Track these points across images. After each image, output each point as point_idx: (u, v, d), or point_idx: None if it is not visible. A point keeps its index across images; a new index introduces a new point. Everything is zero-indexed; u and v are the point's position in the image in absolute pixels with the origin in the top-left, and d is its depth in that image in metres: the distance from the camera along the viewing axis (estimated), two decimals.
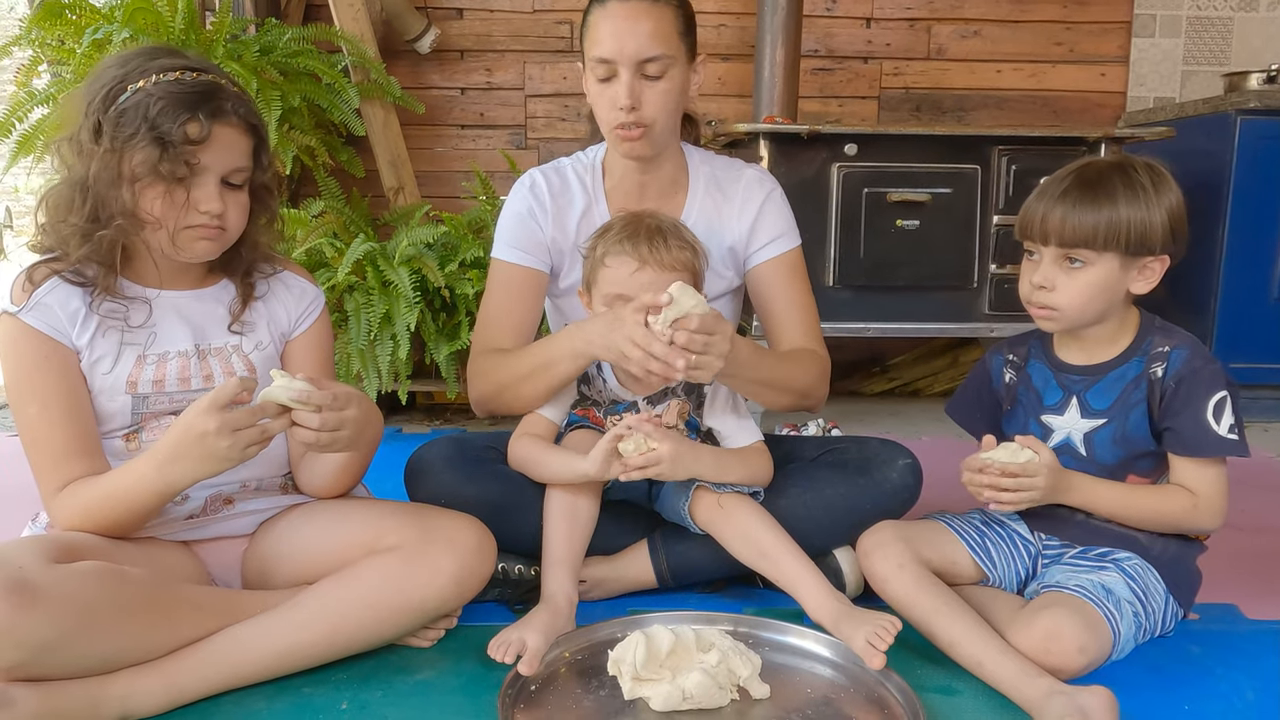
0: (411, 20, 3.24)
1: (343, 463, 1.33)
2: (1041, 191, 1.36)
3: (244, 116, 1.26)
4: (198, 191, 1.23)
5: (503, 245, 1.60)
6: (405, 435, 2.83)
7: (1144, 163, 1.35)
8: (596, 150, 1.66)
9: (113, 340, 1.26)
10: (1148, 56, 3.47)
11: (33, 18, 2.60)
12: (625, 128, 1.49)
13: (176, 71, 1.22)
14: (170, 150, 1.18)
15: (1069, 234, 1.32)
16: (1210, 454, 1.32)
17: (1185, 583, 1.39)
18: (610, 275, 1.42)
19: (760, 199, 1.63)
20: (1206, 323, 2.99)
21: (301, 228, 2.69)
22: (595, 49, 1.48)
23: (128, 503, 1.20)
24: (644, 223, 1.44)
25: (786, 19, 3.01)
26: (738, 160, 1.70)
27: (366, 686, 1.24)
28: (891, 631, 1.25)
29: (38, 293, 1.23)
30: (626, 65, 1.46)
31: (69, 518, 1.22)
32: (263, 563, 1.34)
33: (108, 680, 1.11)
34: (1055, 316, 1.37)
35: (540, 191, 1.60)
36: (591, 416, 1.52)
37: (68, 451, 1.22)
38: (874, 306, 2.82)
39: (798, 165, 2.71)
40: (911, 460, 1.53)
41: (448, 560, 1.26)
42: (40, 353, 1.23)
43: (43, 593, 1.02)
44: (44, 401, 1.22)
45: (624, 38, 1.46)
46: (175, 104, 1.19)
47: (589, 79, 1.52)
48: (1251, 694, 1.27)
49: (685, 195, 1.63)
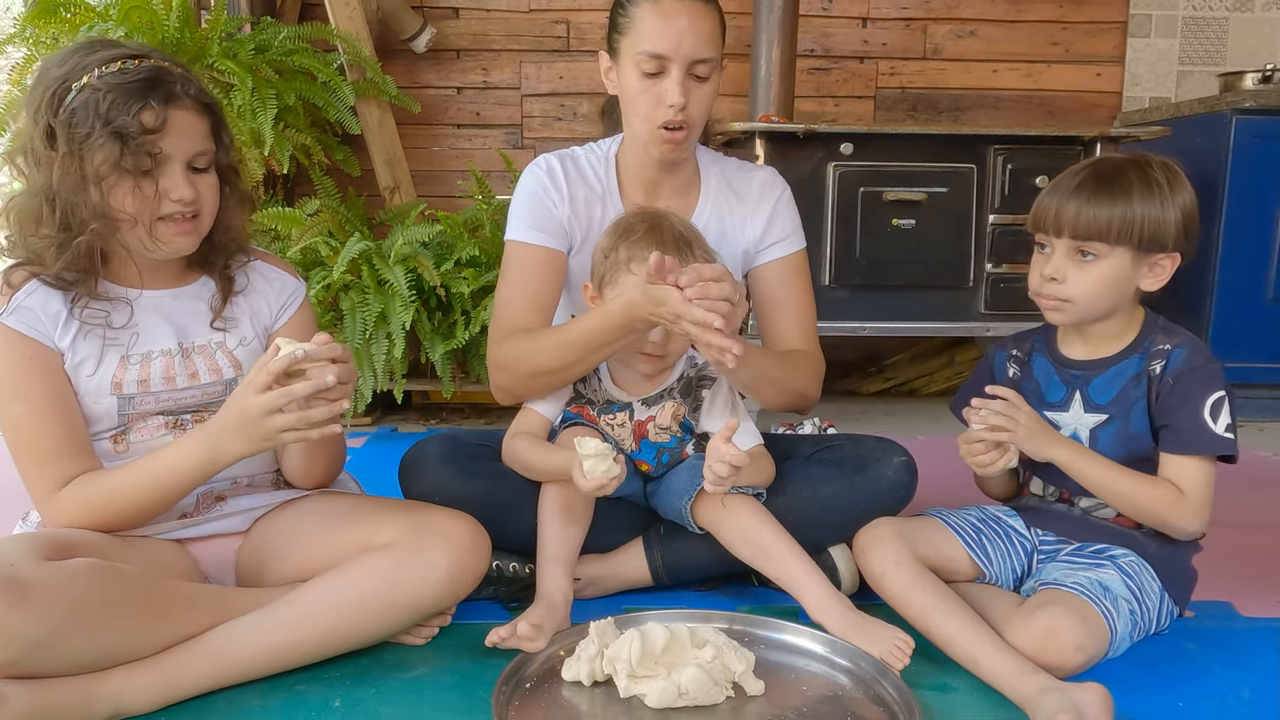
0: (407, 19, 3.24)
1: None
2: (1056, 185, 1.37)
3: (196, 96, 1.23)
4: (166, 181, 1.20)
5: (519, 226, 1.55)
6: (401, 434, 2.83)
7: (1160, 161, 1.35)
8: (610, 143, 1.64)
9: (95, 342, 1.25)
10: (1143, 56, 3.48)
11: (27, 15, 2.59)
12: (672, 127, 1.46)
13: (119, 62, 1.18)
14: (130, 143, 1.15)
15: (1083, 226, 1.32)
16: (1205, 451, 1.31)
17: (1181, 581, 1.39)
18: (636, 284, 1.38)
19: (772, 201, 1.62)
20: (1201, 322, 3.01)
21: (297, 226, 2.69)
22: (646, 43, 1.43)
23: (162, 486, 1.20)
24: (667, 227, 1.42)
25: (783, 18, 3.01)
26: (747, 162, 1.69)
27: (360, 684, 1.24)
28: (907, 651, 1.25)
29: (17, 296, 1.22)
30: (680, 63, 1.43)
31: (73, 514, 1.22)
32: (256, 560, 1.34)
33: (101, 677, 1.10)
34: (1065, 308, 1.37)
35: (555, 173, 1.57)
36: (586, 414, 1.51)
37: (58, 451, 1.21)
38: (870, 306, 2.82)
39: (794, 164, 2.70)
40: (907, 458, 1.53)
41: (441, 557, 1.26)
42: (24, 354, 1.21)
43: (34, 589, 1.02)
44: (30, 401, 1.21)
45: (683, 35, 1.42)
46: (125, 95, 1.15)
47: (629, 73, 1.47)
48: (1246, 691, 1.27)
49: (698, 195, 1.62)
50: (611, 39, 1.51)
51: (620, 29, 1.48)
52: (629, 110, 1.52)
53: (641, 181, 1.59)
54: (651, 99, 1.46)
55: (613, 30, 1.51)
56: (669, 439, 1.49)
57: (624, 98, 1.52)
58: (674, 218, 1.45)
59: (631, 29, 1.46)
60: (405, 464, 1.51)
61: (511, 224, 1.57)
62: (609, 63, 1.53)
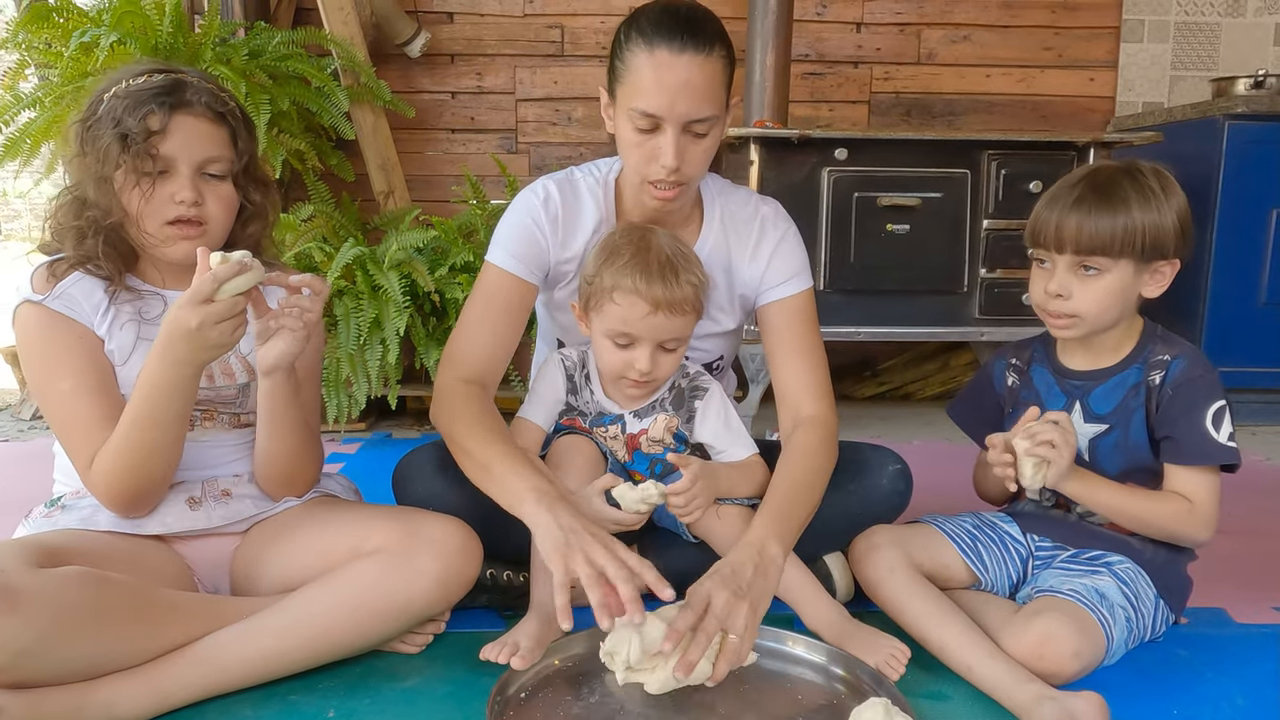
0: (402, 24, 3.24)
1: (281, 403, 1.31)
2: (1053, 200, 1.35)
3: (209, 105, 1.27)
4: (171, 184, 1.25)
5: (501, 250, 1.47)
6: (395, 440, 2.82)
7: (1150, 167, 1.35)
8: (611, 165, 1.54)
9: (129, 335, 1.29)
10: (1136, 61, 3.49)
11: (20, 21, 2.58)
12: (661, 185, 1.38)
13: (146, 75, 1.27)
14: (133, 144, 1.22)
15: (1085, 242, 1.31)
16: (1210, 461, 1.31)
17: (1176, 587, 1.39)
18: (619, 314, 1.36)
19: (775, 240, 1.53)
20: (1195, 327, 3.01)
21: (291, 232, 2.69)
22: (638, 100, 1.32)
23: (152, 416, 1.20)
24: (653, 251, 1.37)
25: (777, 23, 3.01)
26: (753, 194, 1.59)
27: (354, 693, 1.23)
28: (903, 661, 1.26)
29: (62, 284, 1.27)
30: (675, 124, 1.32)
31: (105, 479, 1.23)
32: (249, 566, 1.34)
33: (92, 686, 1.10)
34: (1075, 324, 1.36)
35: (554, 206, 1.48)
36: (577, 425, 1.51)
37: (103, 420, 1.24)
38: (864, 311, 2.82)
39: (788, 169, 2.71)
40: (901, 465, 1.52)
41: (432, 562, 1.25)
42: (71, 334, 1.26)
43: (23, 596, 1.01)
44: (77, 376, 1.25)
45: (675, 96, 1.30)
46: (137, 102, 1.23)
47: (623, 123, 1.37)
48: (1241, 698, 1.27)
49: (700, 226, 1.54)
50: (610, 79, 1.41)
51: (616, 75, 1.37)
52: (624, 157, 1.43)
53: (639, 209, 1.50)
54: (644, 154, 1.36)
55: (610, 71, 1.40)
56: (661, 451, 1.49)
57: (619, 144, 1.42)
58: (663, 237, 1.41)
59: (626, 79, 1.34)
60: (398, 473, 1.50)
61: (495, 244, 1.49)
62: (607, 100, 1.43)
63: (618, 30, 1.38)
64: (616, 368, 1.42)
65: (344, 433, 2.84)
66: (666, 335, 1.39)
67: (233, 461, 1.38)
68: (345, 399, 2.68)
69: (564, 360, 1.52)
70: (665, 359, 1.41)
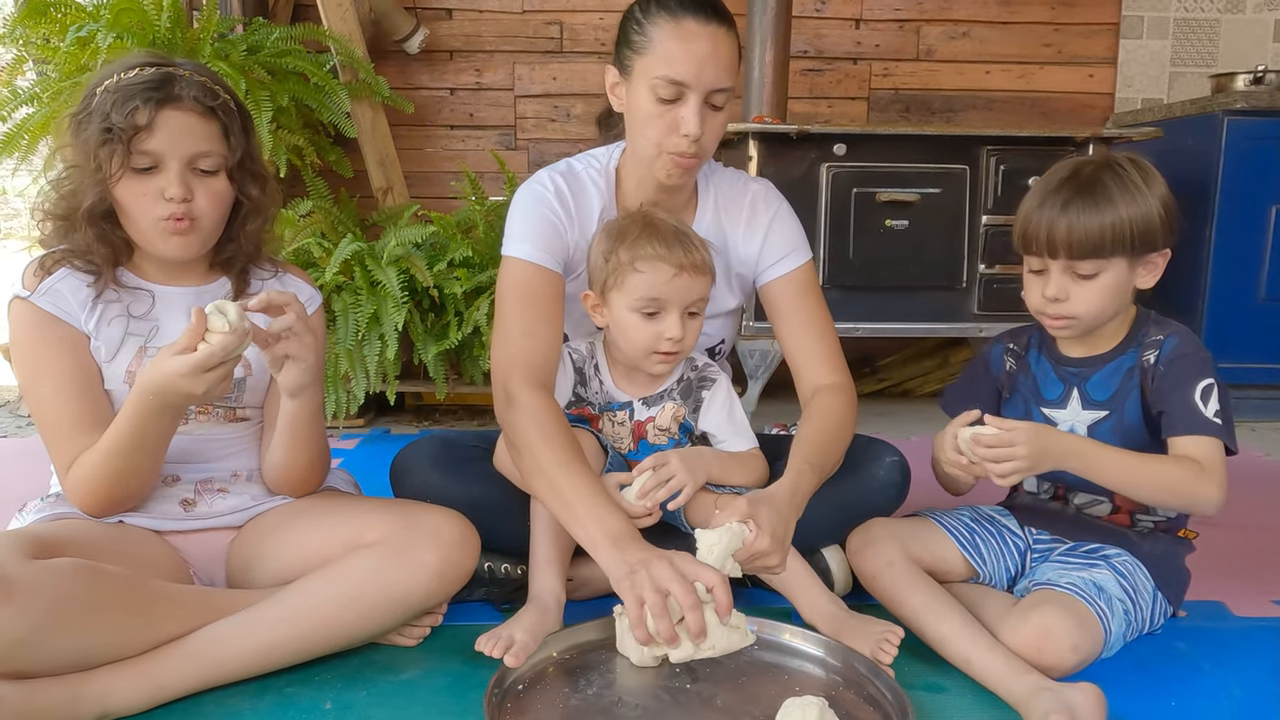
0: (400, 20, 3.23)
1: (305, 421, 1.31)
2: (1039, 202, 1.34)
3: (198, 99, 1.25)
4: (160, 179, 1.24)
5: (525, 245, 1.44)
6: (393, 436, 2.82)
7: (1128, 158, 1.35)
8: (609, 156, 1.55)
9: (117, 330, 1.29)
10: (1135, 58, 3.49)
11: (17, 16, 2.58)
12: (685, 155, 1.40)
13: (137, 69, 1.26)
14: (118, 138, 1.21)
15: (1077, 246, 1.30)
16: (1200, 432, 1.30)
17: (1174, 580, 1.39)
18: (645, 281, 1.38)
19: (768, 218, 1.55)
20: (1194, 323, 3.00)
21: (289, 228, 2.68)
22: (665, 68, 1.35)
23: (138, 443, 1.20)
24: (660, 224, 1.40)
25: (776, 19, 3.01)
26: (742, 173, 1.62)
27: (351, 686, 1.23)
28: (895, 642, 1.26)
29: (49, 280, 1.28)
30: (699, 92, 1.36)
31: (83, 486, 1.24)
32: (246, 559, 1.33)
33: (87, 677, 1.10)
34: (1073, 325, 1.36)
35: (564, 195, 1.48)
36: (586, 414, 1.51)
37: (81, 424, 1.24)
38: (863, 307, 2.82)
39: (787, 165, 2.71)
40: (899, 458, 1.52)
41: (429, 554, 1.25)
42: (54, 334, 1.26)
43: (18, 587, 1.01)
44: (57, 379, 1.26)
45: (705, 63, 1.34)
46: (125, 97, 1.22)
47: (642, 94, 1.39)
48: (1239, 691, 1.27)
49: (695, 211, 1.57)
50: (623, 54, 1.42)
51: (635, 47, 1.39)
52: (637, 131, 1.43)
53: (641, 195, 1.51)
54: (665, 125, 1.38)
55: (625, 46, 1.42)
56: (667, 441, 1.49)
57: (633, 118, 1.43)
58: (664, 214, 1.44)
59: (649, 49, 1.37)
60: (396, 467, 1.50)
61: (513, 238, 1.46)
62: (617, 78, 1.45)
63: (631, 6, 1.42)
64: (646, 342, 1.42)
65: (342, 428, 2.84)
66: (693, 296, 1.41)
67: (228, 456, 1.38)
68: (344, 395, 2.68)
69: (571, 355, 1.53)
70: (692, 324, 1.43)
